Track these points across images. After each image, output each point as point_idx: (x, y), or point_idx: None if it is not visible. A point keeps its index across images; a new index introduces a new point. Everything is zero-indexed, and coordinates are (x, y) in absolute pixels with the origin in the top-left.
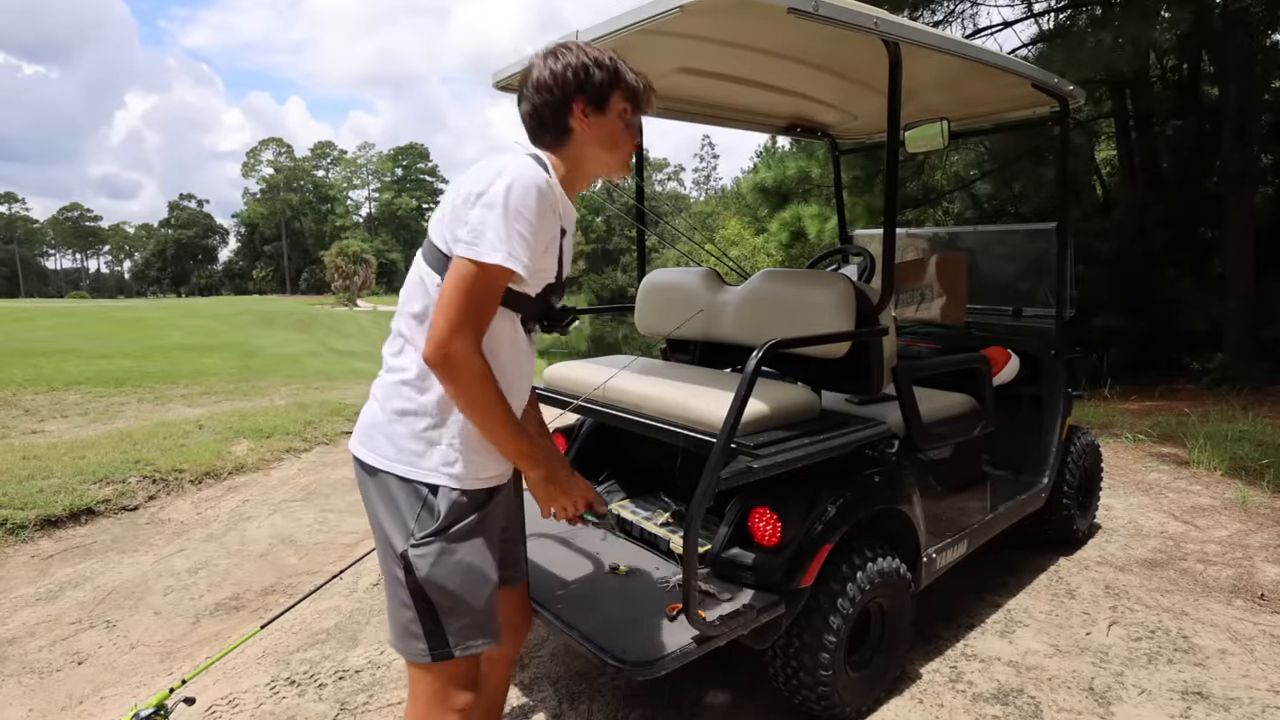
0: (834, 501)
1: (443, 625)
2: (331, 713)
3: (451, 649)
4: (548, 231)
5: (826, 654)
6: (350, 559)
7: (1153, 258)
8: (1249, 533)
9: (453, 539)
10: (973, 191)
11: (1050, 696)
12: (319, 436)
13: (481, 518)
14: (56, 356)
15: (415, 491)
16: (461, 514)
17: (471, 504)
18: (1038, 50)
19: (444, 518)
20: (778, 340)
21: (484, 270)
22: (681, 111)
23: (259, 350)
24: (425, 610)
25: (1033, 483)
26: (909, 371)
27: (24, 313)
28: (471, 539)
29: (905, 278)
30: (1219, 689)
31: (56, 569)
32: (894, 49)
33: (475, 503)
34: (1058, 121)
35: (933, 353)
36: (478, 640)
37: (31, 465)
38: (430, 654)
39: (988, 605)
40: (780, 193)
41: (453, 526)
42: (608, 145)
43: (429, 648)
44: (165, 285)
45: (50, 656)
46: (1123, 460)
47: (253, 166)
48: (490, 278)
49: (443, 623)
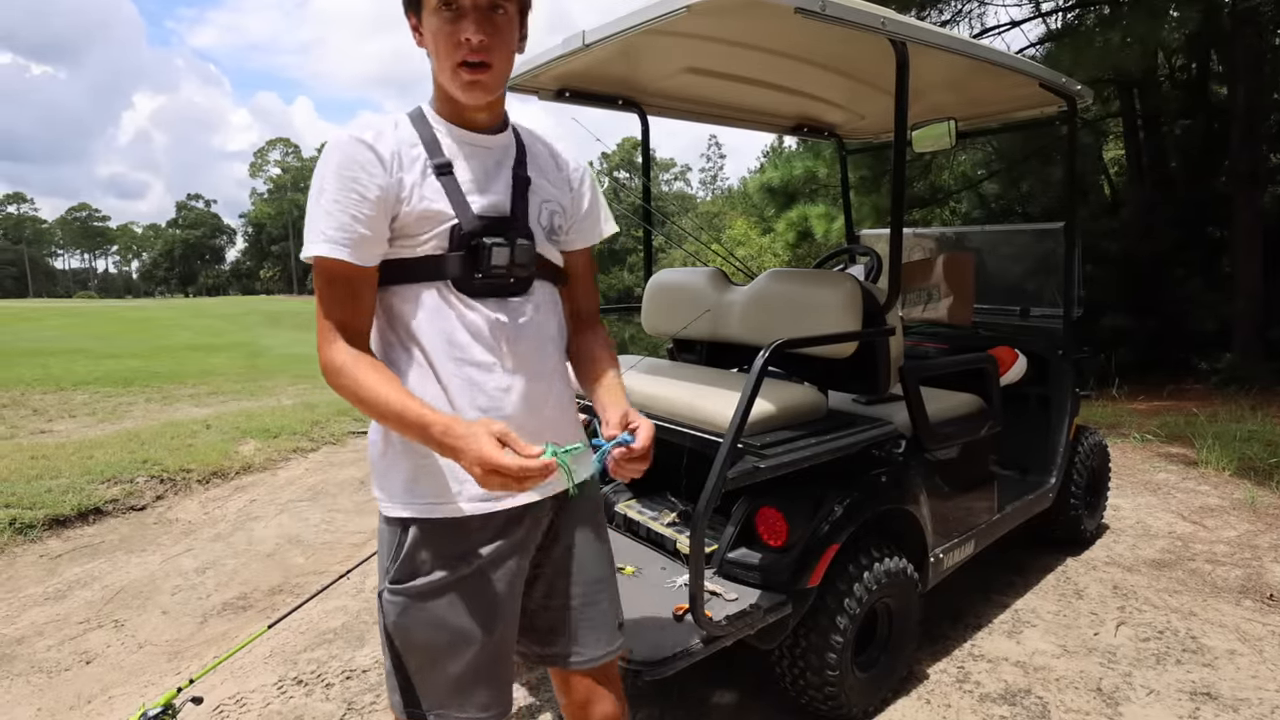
0: (841, 502)
1: (413, 683)
2: (339, 712)
3: (424, 711)
4: (366, 188)
5: (833, 654)
6: (357, 559)
7: (1161, 257)
8: (1258, 533)
9: (424, 590)
10: (980, 191)
11: (1058, 697)
12: (326, 436)
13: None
14: (64, 356)
15: (390, 527)
16: (438, 555)
17: (452, 543)
18: (1045, 50)
19: (416, 559)
20: (784, 340)
21: (315, 268)
22: (688, 111)
23: (266, 350)
24: (397, 663)
25: (1040, 483)
26: (916, 371)
27: (32, 313)
28: (449, 591)
29: (912, 277)
30: (1228, 689)
31: (65, 569)
32: (901, 49)
33: (457, 542)
34: (1065, 121)
35: (940, 353)
36: (453, 712)
37: (40, 465)
38: (405, 710)
39: (995, 605)
40: (787, 193)
41: (426, 572)
42: (436, 53)
43: (403, 703)
44: (173, 285)
45: (59, 656)
46: (1131, 460)
47: (260, 167)
48: (323, 272)
49: (413, 680)
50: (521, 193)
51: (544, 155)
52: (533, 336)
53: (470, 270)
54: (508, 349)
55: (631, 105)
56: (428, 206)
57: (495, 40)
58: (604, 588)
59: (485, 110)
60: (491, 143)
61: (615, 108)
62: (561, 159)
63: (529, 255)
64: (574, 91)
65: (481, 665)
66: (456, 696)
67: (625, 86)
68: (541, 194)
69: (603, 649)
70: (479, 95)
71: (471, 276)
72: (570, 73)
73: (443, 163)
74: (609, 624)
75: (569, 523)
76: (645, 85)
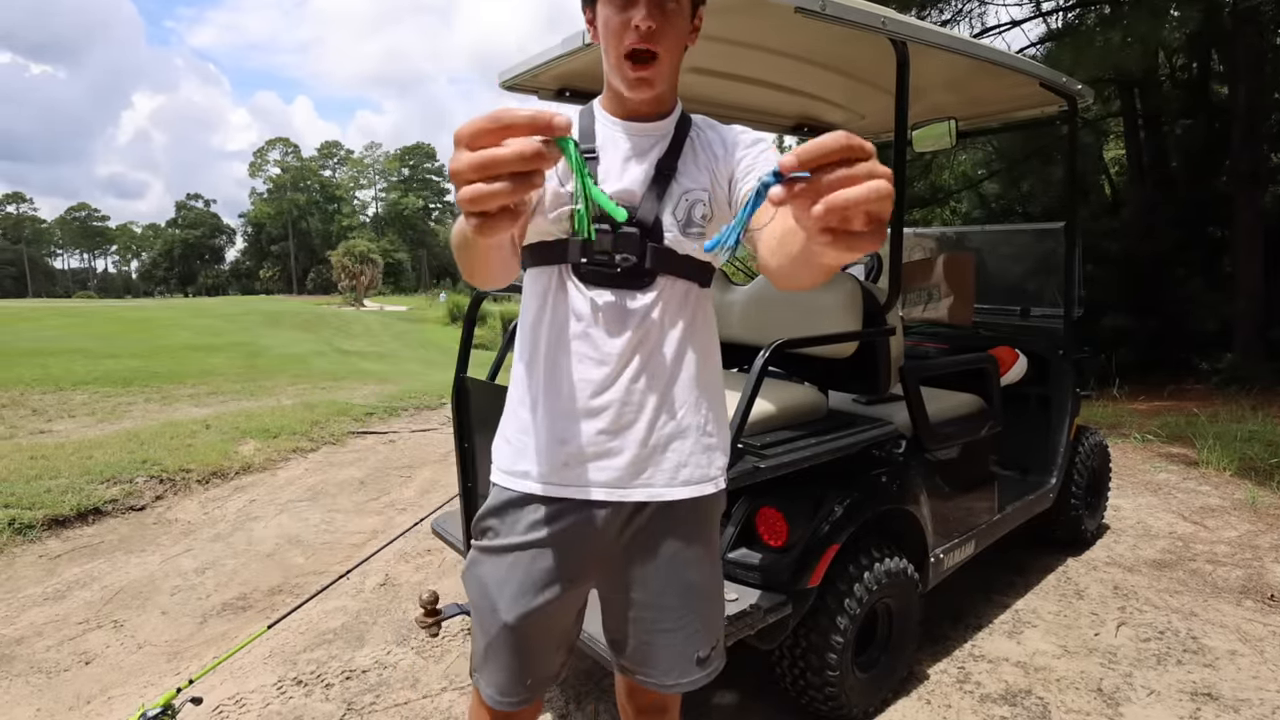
0: (841, 502)
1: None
2: (338, 713)
3: (472, 669)
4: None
5: (834, 654)
6: (357, 559)
7: (1161, 257)
8: (1258, 533)
9: (484, 548)
10: (980, 191)
11: (1058, 697)
12: (325, 437)
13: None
14: (64, 356)
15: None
16: (500, 523)
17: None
18: (1046, 49)
19: (485, 520)
20: (784, 340)
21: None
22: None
23: (265, 350)
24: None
25: (1041, 483)
26: (916, 371)
27: (32, 312)
28: (500, 555)
29: (913, 277)
30: (1229, 690)
31: (64, 569)
32: (901, 48)
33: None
34: (1066, 121)
35: (940, 353)
36: (481, 679)
37: (39, 465)
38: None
39: (995, 606)
40: None
41: (491, 534)
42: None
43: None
44: (172, 285)
45: (58, 656)
46: (1131, 460)
47: (260, 166)
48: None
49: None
50: (662, 181)
51: (710, 142)
52: (640, 330)
53: (582, 255)
54: (606, 338)
55: None
56: (564, 190)
57: (665, 28)
58: (683, 617)
59: (647, 105)
60: (646, 130)
61: None
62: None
63: (635, 244)
64: (574, 91)
65: (500, 644)
66: (485, 665)
67: None
68: (687, 183)
69: (671, 679)
70: (644, 91)
71: (580, 261)
72: (571, 72)
73: (589, 150)
74: (685, 655)
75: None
76: None
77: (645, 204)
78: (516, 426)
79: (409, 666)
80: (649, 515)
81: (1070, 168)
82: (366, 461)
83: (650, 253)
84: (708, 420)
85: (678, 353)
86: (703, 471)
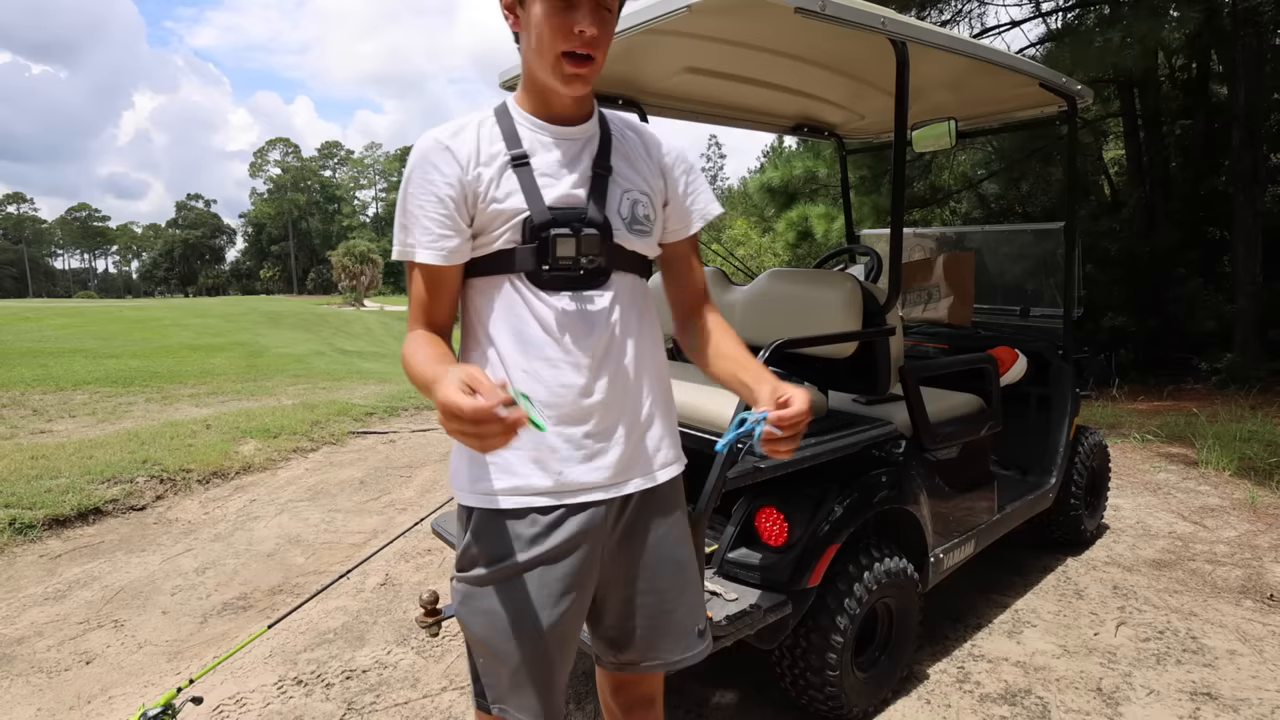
0: (841, 501)
1: (479, 674)
2: (339, 713)
3: (489, 704)
4: (439, 187)
5: (833, 654)
6: (357, 559)
7: (1161, 258)
8: (1258, 533)
9: (482, 579)
10: (980, 191)
11: (1058, 697)
12: (326, 437)
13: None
14: (64, 356)
15: (459, 515)
16: (490, 547)
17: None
18: (1045, 49)
19: (472, 549)
20: (785, 340)
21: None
22: (689, 111)
23: (266, 350)
24: (468, 652)
25: (1040, 483)
26: (916, 371)
27: (32, 313)
28: (507, 580)
29: (912, 277)
30: (1228, 690)
31: (65, 569)
32: (901, 48)
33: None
34: (1065, 121)
35: (940, 353)
36: (511, 708)
37: (40, 465)
38: (475, 700)
39: (995, 605)
40: (787, 192)
41: (480, 564)
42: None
43: (475, 692)
44: (173, 285)
45: (58, 656)
46: (1131, 460)
47: (260, 166)
48: (410, 274)
49: (479, 671)
50: (600, 182)
51: (634, 142)
52: (606, 329)
53: (540, 262)
54: (576, 342)
55: (631, 105)
56: (502, 201)
57: (603, 34)
58: (680, 594)
59: (574, 103)
60: (574, 133)
61: (615, 107)
62: (654, 145)
63: (597, 245)
64: None
65: (532, 665)
66: (511, 693)
67: (625, 86)
68: (624, 183)
69: (677, 655)
70: (579, 88)
71: (541, 269)
72: None
73: (520, 155)
74: (687, 630)
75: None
76: (645, 85)
77: (592, 206)
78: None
79: (409, 666)
80: (635, 505)
81: (1070, 168)
82: (367, 461)
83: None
84: (667, 402)
85: (638, 345)
86: (674, 452)
